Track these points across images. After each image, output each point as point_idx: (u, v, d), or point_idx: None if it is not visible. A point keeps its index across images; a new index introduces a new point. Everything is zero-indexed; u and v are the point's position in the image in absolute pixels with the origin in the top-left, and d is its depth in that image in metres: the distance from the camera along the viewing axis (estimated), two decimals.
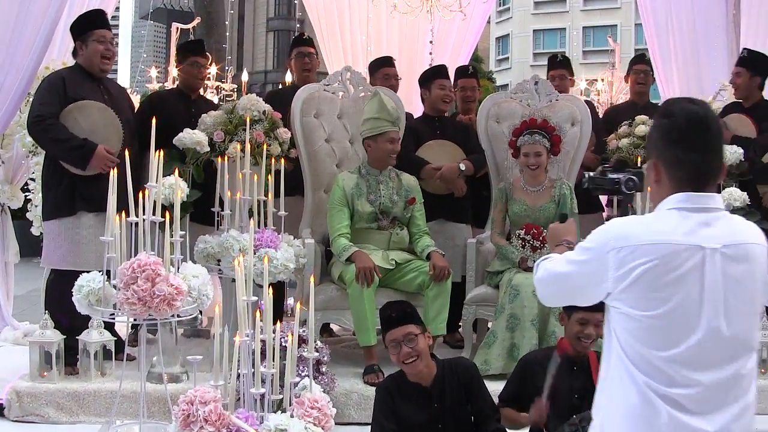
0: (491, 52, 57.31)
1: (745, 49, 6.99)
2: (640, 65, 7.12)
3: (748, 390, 2.32)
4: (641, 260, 2.26)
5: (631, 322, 2.30)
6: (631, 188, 2.86)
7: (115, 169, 4.23)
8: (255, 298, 3.44)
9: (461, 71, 7.04)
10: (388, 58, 7.04)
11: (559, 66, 7.04)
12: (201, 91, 6.55)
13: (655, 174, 2.41)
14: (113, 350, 5.06)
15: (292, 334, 3.40)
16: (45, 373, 4.95)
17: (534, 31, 54.95)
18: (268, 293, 3.37)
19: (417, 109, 7.35)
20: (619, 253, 2.30)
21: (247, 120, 5.39)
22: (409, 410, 3.87)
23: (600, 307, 2.52)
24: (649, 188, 2.56)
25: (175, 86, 6.54)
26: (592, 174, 3.57)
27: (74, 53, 5.53)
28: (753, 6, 8.56)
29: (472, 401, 3.92)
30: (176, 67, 6.39)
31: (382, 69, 6.79)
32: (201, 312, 5.52)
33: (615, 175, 3.00)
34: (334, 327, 6.44)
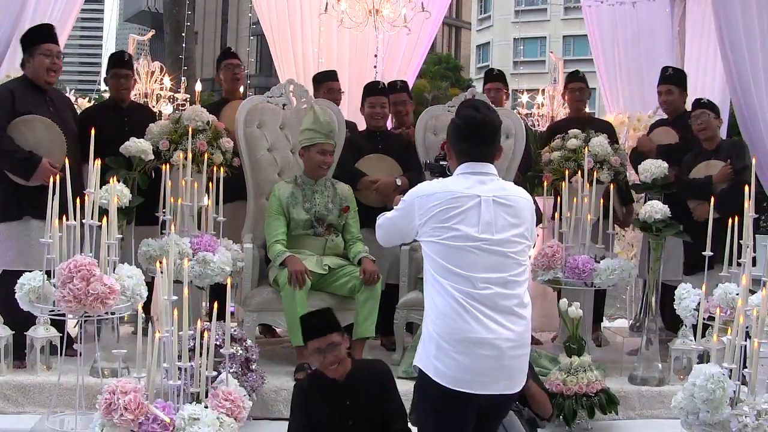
0: (472, 59, 57.64)
1: (668, 67, 7.18)
2: (575, 83, 7.15)
3: (518, 290, 3.35)
4: (434, 203, 3.34)
5: (433, 246, 3.35)
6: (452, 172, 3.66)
7: (56, 177, 4.47)
8: (175, 298, 3.71)
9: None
10: (332, 72, 7.27)
11: (495, 79, 7.20)
12: (152, 99, 6.76)
13: (449, 154, 3.57)
14: (59, 345, 5.32)
15: (208, 333, 3.68)
16: None
17: (514, 39, 55.16)
18: (185, 293, 3.66)
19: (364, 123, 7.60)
20: (421, 200, 3.40)
21: (189, 130, 5.69)
22: (321, 406, 4.13)
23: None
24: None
25: (107, 98, 6.74)
26: (428, 161, 5.11)
27: (22, 65, 5.78)
28: (697, 24, 8.79)
29: (384, 402, 4.20)
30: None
31: (326, 83, 7.03)
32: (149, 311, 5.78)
33: (443, 162, 4.19)
34: (278, 328, 6.67)
